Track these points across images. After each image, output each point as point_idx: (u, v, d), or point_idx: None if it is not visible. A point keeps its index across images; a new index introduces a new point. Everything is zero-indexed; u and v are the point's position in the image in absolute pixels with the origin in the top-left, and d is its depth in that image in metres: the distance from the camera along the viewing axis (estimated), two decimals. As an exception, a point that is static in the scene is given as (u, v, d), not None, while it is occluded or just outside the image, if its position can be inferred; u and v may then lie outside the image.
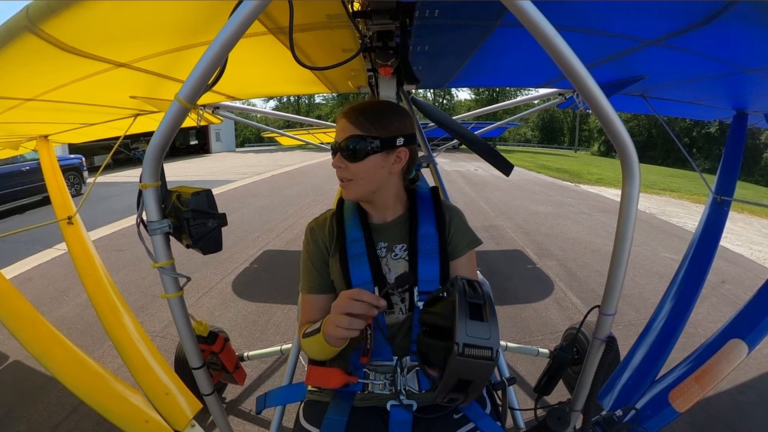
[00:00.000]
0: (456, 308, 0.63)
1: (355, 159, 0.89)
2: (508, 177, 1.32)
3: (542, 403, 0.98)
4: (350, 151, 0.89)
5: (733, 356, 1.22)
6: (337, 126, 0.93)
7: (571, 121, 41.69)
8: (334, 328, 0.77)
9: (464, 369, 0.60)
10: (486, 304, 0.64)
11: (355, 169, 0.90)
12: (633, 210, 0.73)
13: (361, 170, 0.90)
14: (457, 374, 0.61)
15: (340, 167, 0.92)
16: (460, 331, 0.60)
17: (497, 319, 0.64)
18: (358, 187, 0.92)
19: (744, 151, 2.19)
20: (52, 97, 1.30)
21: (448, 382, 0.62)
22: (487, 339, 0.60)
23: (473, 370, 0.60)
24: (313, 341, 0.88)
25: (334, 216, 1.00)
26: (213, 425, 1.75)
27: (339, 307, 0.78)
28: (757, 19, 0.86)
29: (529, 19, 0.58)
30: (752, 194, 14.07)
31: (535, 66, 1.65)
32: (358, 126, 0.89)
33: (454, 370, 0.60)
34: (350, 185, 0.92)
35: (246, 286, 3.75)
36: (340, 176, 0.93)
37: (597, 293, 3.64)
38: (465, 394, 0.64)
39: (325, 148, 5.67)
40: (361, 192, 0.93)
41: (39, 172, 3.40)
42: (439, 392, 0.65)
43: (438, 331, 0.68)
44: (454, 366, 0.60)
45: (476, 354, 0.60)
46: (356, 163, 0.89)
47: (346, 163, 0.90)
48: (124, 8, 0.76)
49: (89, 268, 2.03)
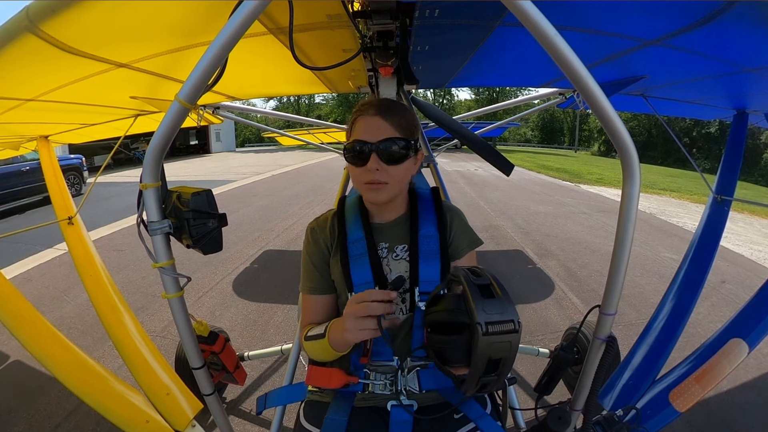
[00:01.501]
0: (468, 294, 0.63)
1: (394, 162, 0.86)
2: (508, 177, 1.32)
3: (542, 403, 0.98)
4: (390, 153, 0.84)
5: (734, 356, 1.22)
6: (366, 124, 0.87)
7: (571, 121, 41.68)
8: (356, 332, 0.76)
9: (492, 347, 0.61)
10: (493, 283, 0.65)
11: (393, 173, 0.86)
12: (633, 210, 0.73)
13: (399, 173, 0.87)
14: (487, 354, 0.61)
15: (377, 170, 0.85)
16: (479, 312, 0.61)
17: (509, 293, 0.65)
18: (393, 192, 0.89)
19: (744, 151, 2.19)
20: (53, 98, 1.31)
21: (478, 366, 0.62)
22: (505, 312, 0.62)
23: (502, 345, 0.62)
24: (316, 345, 0.88)
25: (336, 216, 1.00)
26: (213, 425, 1.75)
27: (356, 312, 0.77)
28: (757, 19, 0.86)
29: (529, 19, 0.58)
30: (752, 194, 14.05)
31: (535, 66, 1.65)
32: (396, 126, 0.86)
33: (482, 351, 0.61)
34: (385, 189, 0.87)
35: (246, 286, 3.75)
36: (373, 179, 0.86)
37: (597, 293, 3.64)
38: (497, 374, 0.64)
39: (326, 148, 5.68)
40: (392, 196, 0.90)
41: (39, 172, 3.40)
42: (469, 382, 0.65)
43: (446, 327, 0.68)
44: (482, 347, 0.60)
45: (500, 329, 0.61)
46: (395, 166, 0.86)
47: (384, 166, 0.85)
48: (124, 8, 0.76)
49: (89, 268, 2.03)
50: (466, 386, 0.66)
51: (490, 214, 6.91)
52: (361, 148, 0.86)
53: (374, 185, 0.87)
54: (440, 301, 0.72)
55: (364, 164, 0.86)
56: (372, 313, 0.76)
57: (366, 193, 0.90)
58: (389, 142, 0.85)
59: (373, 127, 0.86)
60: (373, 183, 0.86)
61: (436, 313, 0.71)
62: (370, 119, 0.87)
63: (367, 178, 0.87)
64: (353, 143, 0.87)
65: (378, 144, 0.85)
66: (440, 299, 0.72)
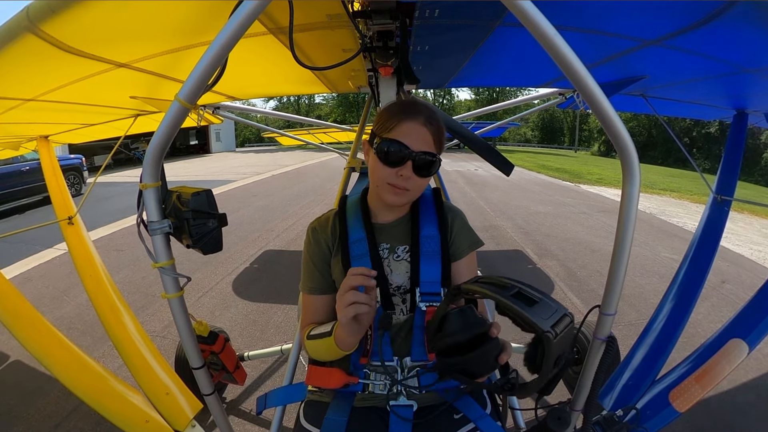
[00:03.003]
0: (515, 310, 0.65)
1: (424, 174, 0.87)
2: (508, 177, 1.32)
3: (542, 403, 0.97)
4: (424, 165, 0.86)
5: (734, 356, 1.22)
6: (412, 129, 0.86)
7: (571, 121, 41.70)
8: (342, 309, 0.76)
9: (561, 346, 0.65)
10: (522, 289, 0.68)
11: (419, 183, 0.88)
12: (633, 210, 0.73)
13: (422, 184, 0.89)
14: (556, 353, 0.65)
15: (408, 177, 0.85)
16: (539, 322, 0.63)
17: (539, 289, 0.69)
18: (411, 199, 0.92)
19: (744, 151, 2.19)
20: (53, 98, 1.31)
21: (550, 367, 0.65)
22: (557, 309, 0.66)
23: (567, 341, 0.67)
24: (320, 344, 0.88)
25: (337, 216, 0.99)
26: (213, 425, 1.75)
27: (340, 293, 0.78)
28: (757, 19, 0.86)
29: (529, 19, 0.58)
30: (752, 194, 14.05)
31: (535, 66, 1.65)
32: (436, 141, 0.88)
33: (553, 352, 0.64)
34: (406, 195, 0.89)
35: (246, 286, 3.75)
36: (398, 184, 0.86)
37: (597, 293, 3.63)
38: (563, 364, 0.69)
39: (326, 148, 5.67)
40: (408, 201, 0.93)
41: (39, 172, 3.40)
42: (542, 380, 0.68)
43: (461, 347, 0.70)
44: (553, 350, 0.64)
45: (563, 329, 0.65)
46: (423, 178, 0.88)
47: (414, 177, 0.86)
48: (124, 8, 0.76)
49: (89, 268, 2.03)
50: (540, 386, 0.71)
51: (490, 214, 6.91)
52: (401, 151, 0.85)
53: (398, 189, 0.87)
54: (444, 323, 0.73)
55: (396, 167, 0.86)
56: (353, 283, 0.76)
57: (386, 193, 0.89)
58: (428, 156, 0.86)
59: (419, 136, 0.86)
60: (398, 187, 0.87)
61: (447, 337, 0.72)
62: (418, 127, 0.86)
63: (394, 181, 0.87)
64: (392, 142, 0.85)
65: (419, 154, 0.85)
66: (444, 321, 0.73)
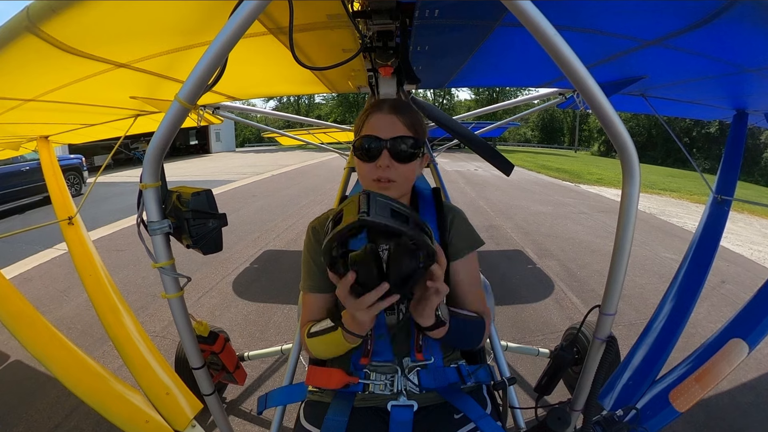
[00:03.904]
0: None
1: (404, 160, 0.86)
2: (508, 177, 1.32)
3: (542, 403, 0.97)
4: (401, 150, 0.84)
5: (734, 356, 1.22)
6: (379, 120, 0.86)
7: (571, 121, 41.69)
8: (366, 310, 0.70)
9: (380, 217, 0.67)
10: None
11: (402, 171, 0.87)
12: (633, 210, 0.73)
13: (407, 172, 0.87)
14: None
15: (387, 167, 0.85)
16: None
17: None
18: (400, 190, 0.90)
19: (744, 151, 2.19)
20: (53, 98, 1.31)
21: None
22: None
23: (384, 214, 0.68)
24: (324, 339, 0.87)
25: None
26: (213, 425, 1.75)
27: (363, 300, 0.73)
28: (757, 19, 0.86)
29: (529, 19, 0.58)
30: (752, 194, 14.05)
31: (535, 66, 1.65)
32: (408, 126, 0.86)
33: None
34: (393, 187, 0.87)
35: (246, 286, 3.75)
36: (381, 176, 0.86)
37: (597, 293, 3.64)
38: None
39: (326, 148, 5.67)
40: (398, 194, 0.90)
41: (39, 172, 3.40)
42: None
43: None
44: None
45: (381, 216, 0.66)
46: (404, 164, 0.86)
47: (395, 164, 0.85)
48: (124, 8, 0.76)
49: (89, 268, 2.03)
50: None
51: (490, 214, 6.91)
52: (373, 143, 0.86)
53: (383, 182, 0.87)
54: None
55: (374, 160, 0.86)
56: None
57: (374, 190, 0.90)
58: (401, 140, 0.85)
59: (387, 124, 0.86)
60: (381, 180, 0.87)
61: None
62: (384, 116, 0.87)
63: (376, 175, 0.87)
64: (364, 138, 0.87)
65: (390, 141, 0.85)
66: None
